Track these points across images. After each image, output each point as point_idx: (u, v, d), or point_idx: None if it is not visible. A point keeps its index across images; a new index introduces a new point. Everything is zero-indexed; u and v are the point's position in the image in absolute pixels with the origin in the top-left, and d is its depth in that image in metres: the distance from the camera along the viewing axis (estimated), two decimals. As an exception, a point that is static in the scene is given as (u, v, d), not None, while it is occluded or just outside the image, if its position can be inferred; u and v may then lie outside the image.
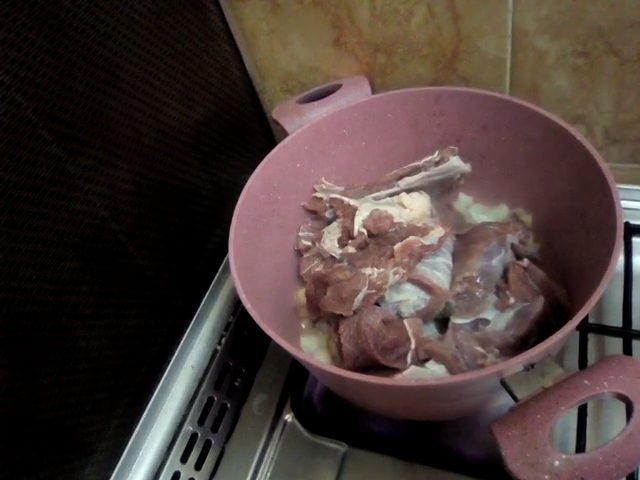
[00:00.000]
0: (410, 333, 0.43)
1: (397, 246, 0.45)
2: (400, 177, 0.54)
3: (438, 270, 0.45)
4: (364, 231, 0.48)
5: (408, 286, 0.45)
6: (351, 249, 0.48)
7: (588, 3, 0.46)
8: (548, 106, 0.48)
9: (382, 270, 0.44)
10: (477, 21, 0.51)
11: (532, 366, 0.32)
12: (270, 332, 0.37)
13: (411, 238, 0.45)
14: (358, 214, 0.49)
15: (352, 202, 0.51)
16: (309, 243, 0.55)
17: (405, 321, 0.43)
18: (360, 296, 0.43)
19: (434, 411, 0.43)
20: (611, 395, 0.31)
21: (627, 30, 0.47)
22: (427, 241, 0.45)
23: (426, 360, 0.42)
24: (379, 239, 0.47)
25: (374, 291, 0.43)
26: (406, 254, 0.44)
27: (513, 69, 0.53)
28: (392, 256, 0.44)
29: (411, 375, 0.41)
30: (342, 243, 0.50)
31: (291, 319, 0.52)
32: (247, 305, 0.39)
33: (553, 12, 0.48)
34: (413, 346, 0.42)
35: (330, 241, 0.50)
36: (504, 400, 0.34)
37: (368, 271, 0.44)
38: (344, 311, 0.43)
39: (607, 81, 0.51)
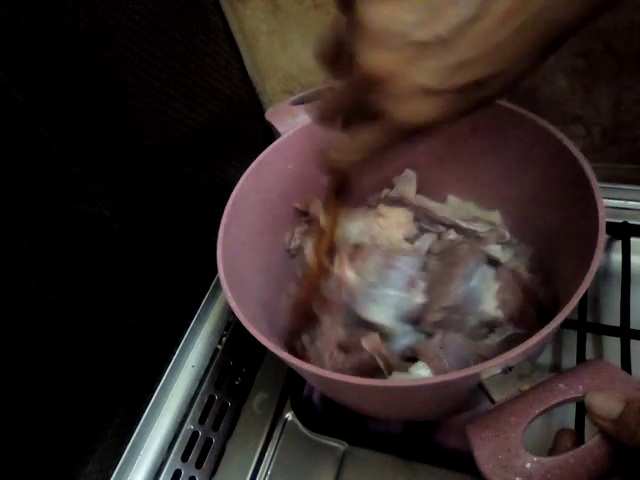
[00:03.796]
0: (371, 351, 0.41)
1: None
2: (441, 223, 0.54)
3: (376, 303, 0.44)
4: None
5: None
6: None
7: (587, 4, 0.46)
8: (547, 107, 0.49)
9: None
10: (476, 22, 0.51)
11: (510, 369, 0.33)
12: (254, 331, 0.37)
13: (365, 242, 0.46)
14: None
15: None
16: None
17: (362, 341, 0.42)
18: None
19: (414, 411, 0.44)
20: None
21: (626, 31, 0.47)
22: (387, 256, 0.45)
23: (412, 359, 0.42)
24: None
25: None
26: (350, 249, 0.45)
27: (512, 70, 0.54)
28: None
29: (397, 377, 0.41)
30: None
31: (282, 319, 0.52)
32: (232, 304, 0.39)
33: (552, 13, 0.48)
34: (381, 364, 0.41)
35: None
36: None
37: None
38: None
39: (606, 82, 0.51)
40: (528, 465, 0.29)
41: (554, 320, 0.33)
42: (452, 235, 0.51)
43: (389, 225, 0.51)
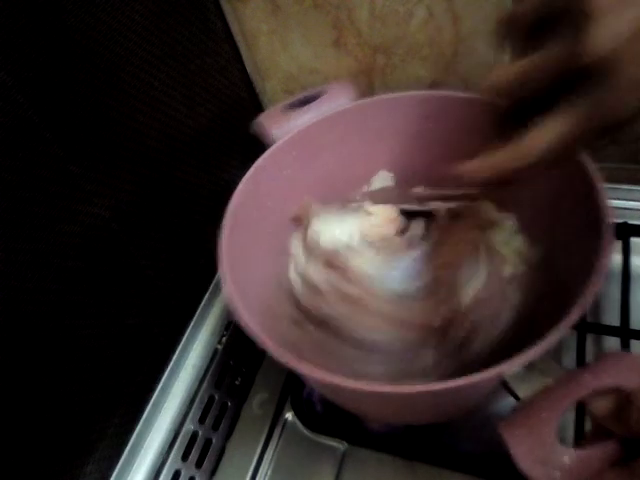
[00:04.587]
0: None
1: None
2: (433, 199, 0.54)
3: None
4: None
5: None
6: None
7: (586, 4, 0.46)
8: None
9: None
10: (477, 22, 0.51)
11: (532, 365, 0.33)
12: (256, 333, 0.37)
13: None
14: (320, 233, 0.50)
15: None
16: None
17: None
18: None
19: (431, 414, 0.43)
20: (611, 388, 0.31)
21: (625, 31, 0.47)
22: None
23: None
24: None
25: None
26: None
27: (512, 70, 0.54)
28: None
29: None
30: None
31: (282, 324, 0.52)
32: (235, 304, 0.39)
33: (552, 13, 0.48)
34: None
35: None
36: (504, 397, 0.35)
37: None
38: None
39: (605, 81, 0.51)
40: (566, 458, 0.29)
41: (572, 315, 0.32)
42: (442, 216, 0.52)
43: (381, 222, 0.51)
